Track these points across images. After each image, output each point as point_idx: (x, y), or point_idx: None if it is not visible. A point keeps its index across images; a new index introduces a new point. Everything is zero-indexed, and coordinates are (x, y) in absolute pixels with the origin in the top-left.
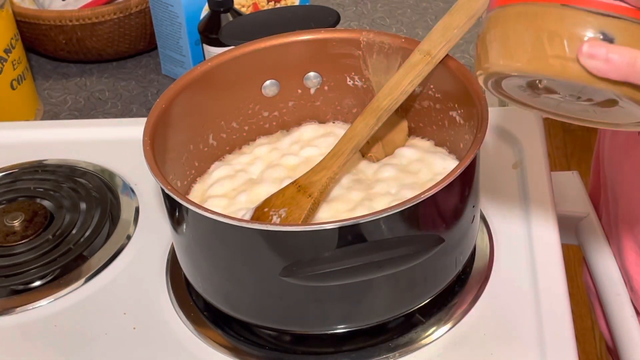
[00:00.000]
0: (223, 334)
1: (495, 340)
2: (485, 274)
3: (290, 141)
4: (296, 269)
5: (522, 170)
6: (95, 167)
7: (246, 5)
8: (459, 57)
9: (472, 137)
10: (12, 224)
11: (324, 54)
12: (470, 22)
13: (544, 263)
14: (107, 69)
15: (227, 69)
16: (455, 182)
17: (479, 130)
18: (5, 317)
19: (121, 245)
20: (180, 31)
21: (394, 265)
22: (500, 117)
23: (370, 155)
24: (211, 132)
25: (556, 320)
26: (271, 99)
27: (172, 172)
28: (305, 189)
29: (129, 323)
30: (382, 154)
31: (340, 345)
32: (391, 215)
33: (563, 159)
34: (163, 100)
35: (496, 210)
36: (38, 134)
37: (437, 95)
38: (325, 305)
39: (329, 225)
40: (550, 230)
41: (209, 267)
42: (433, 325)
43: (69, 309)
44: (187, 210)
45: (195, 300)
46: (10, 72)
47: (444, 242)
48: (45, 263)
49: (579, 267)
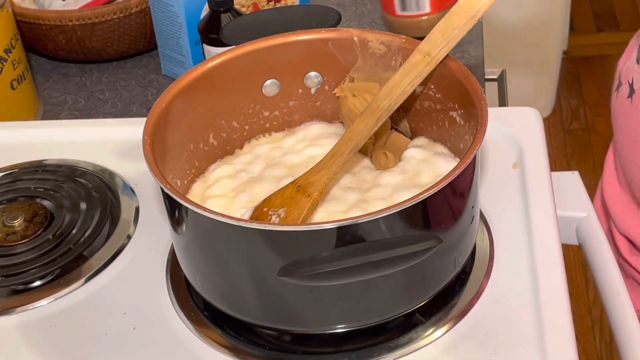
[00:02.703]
0: (223, 334)
1: (495, 340)
2: (485, 274)
3: (295, 139)
4: (294, 269)
5: (522, 170)
6: (95, 167)
7: (246, 5)
8: (459, 57)
9: (472, 137)
10: (12, 224)
11: (324, 53)
12: (470, 22)
13: (544, 263)
14: (107, 69)
15: (227, 69)
16: (454, 182)
17: (479, 130)
18: (5, 317)
19: (121, 245)
20: (180, 31)
21: (392, 265)
22: (500, 117)
23: (382, 167)
24: (211, 131)
25: (556, 320)
26: (272, 99)
27: (172, 172)
28: (304, 189)
29: (129, 323)
30: (395, 162)
31: (340, 345)
32: (390, 215)
33: (563, 159)
34: (163, 100)
35: (496, 210)
36: (38, 134)
37: (437, 95)
38: (325, 305)
39: (328, 225)
40: (550, 230)
41: (209, 267)
42: (433, 325)
43: (69, 309)
44: (187, 210)
45: (195, 300)
46: (10, 72)
47: (442, 243)
48: (45, 263)
49: (579, 267)
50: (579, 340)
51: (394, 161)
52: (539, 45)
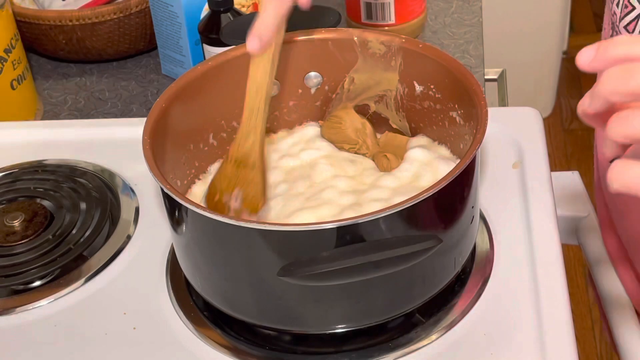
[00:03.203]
0: (223, 334)
1: (495, 340)
2: (485, 274)
3: (292, 141)
4: (294, 269)
5: (522, 170)
6: (95, 167)
7: (246, 5)
8: (459, 57)
9: (472, 137)
10: (12, 224)
11: (324, 53)
12: None
13: (544, 263)
14: (107, 69)
15: (227, 69)
16: (454, 182)
17: (479, 130)
18: (5, 317)
19: (121, 245)
20: (180, 31)
21: (392, 266)
22: (500, 117)
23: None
24: (211, 131)
25: (556, 320)
26: (272, 99)
27: (172, 172)
28: (244, 161)
29: (129, 323)
30: (397, 161)
31: (340, 345)
32: (389, 215)
33: (563, 159)
34: (163, 100)
35: (496, 210)
36: (38, 134)
37: (437, 95)
38: (325, 305)
39: (328, 225)
40: (550, 230)
41: (209, 267)
42: (433, 325)
43: (69, 309)
44: (187, 210)
45: (195, 300)
46: (10, 72)
47: (442, 243)
48: (45, 263)
49: (579, 267)
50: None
51: (395, 161)
52: (539, 45)
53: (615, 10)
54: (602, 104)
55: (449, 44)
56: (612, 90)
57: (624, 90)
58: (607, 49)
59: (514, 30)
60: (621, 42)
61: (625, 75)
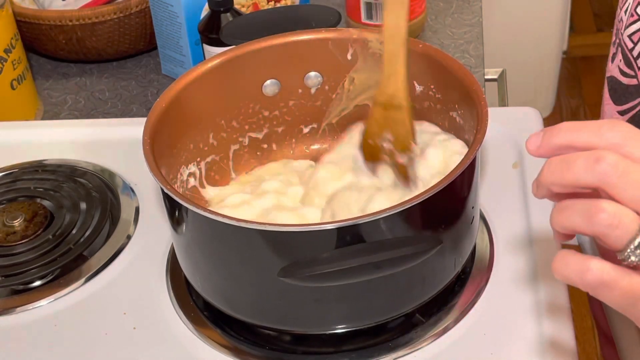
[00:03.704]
0: (223, 334)
1: (495, 340)
2: (485, 274)
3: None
4: (294, 270)
5: (522, 170)
6: (95, 167)
7: (246, 5)
8: (459, 57)
9: (472, 137)
10: (12, 224)
11: (324, 53)
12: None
13: (544, 263)
14: (107, 69)
15: (227, 69)
16: (454, 183)
17: (479, 130)
18: (5, 317)
19: (121, 245)
20: (180, 31)
21: (392, 266)
22: (500, 117)
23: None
24: (211, 131)
25: (556, 320)
26: (272, 99)
27: (172, 172)
28: (390, 104)
29: (129, 323)
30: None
31: (340, 345)
32: (389, 216)
33: None
34: (163, 100)
35: (496, 210)
36: (38, 134)
37: (437, 95)
38: (325, 305)
39: (328, 226)
40: (550, 230)
41: (209, 267)
42: (433, 325)
43: (69, 309)
44: (187, 210)
45: (195, 300)
46: (10, 72)
47: (442, 243)
48: (45, 263)
49: None
50: (579, 340)
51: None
52: (539, 45)
53: (623, 16)
54: (546, 192)
55: (449, 44)
56: (552, 182)
57: (562, 183)
58: (552, 137)
59: (514, 30)
60: (565, 129)
61: (562, 167)
